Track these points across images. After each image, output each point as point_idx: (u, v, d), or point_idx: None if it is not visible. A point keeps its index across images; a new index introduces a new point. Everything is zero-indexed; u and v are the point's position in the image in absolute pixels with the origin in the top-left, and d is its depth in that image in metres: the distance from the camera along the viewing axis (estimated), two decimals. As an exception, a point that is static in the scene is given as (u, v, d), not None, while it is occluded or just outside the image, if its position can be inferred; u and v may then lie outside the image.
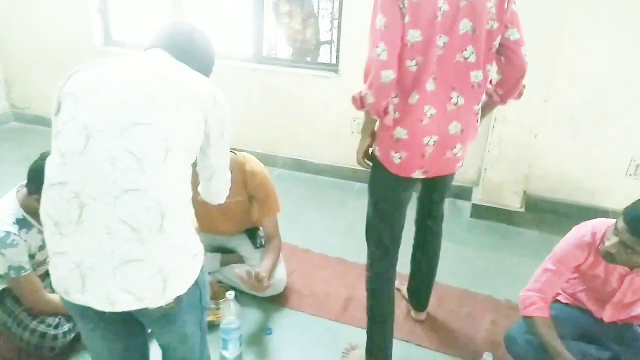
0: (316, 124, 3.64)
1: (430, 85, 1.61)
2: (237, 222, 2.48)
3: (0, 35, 4.24)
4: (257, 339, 2.17)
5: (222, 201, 1.54)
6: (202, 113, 1.25)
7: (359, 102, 1.64)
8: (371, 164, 1.85)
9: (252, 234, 2.50)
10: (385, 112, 1.62)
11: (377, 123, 1.75)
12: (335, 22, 3.84)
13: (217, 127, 1.31)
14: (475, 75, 1.64)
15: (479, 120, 1.77)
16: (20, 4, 4.09)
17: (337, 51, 3.48)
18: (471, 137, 1.76)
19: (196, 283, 1.24)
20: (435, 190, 2.08)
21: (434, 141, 1.68)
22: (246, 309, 2.31)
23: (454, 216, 3.26)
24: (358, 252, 2.69)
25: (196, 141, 1.26)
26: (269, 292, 2.33)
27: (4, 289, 1.92)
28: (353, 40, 3.31)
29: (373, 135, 1.79)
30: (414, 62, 1.58)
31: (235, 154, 2.37)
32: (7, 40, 4.25)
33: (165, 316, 1.23)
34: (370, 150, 1.84)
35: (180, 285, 1.20)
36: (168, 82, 1.22)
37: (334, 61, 3.60)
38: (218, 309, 2.19)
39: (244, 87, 3.70)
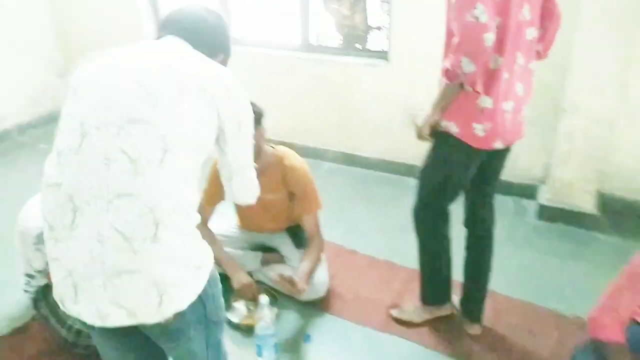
0: (366, 115, 3.44)
1: (507, 48, 1.61)
2: (278, 220, 2.35)
3: (61, 28, 4.34)
4: (295, 345, 2.04)
5: (250, 202, 1.41)
6: (212, 106, 1.13)
7: (453, 73, 1.56)
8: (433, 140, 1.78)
9: (294, 232, 2.36)
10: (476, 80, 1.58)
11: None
12: (386, 7, 3.62)
13: (231, 121, 1.19)
14: (530, 33, 1.66)
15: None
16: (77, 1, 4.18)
17: (388, 37, 3.26)
18: (530, 97, 1.78)
19: (200, 298, 1.12)
20: (493, 171, 1.95)
21: (511, 106, 1.69)
22: (285, 313, 2.18)
23: (518, 217, 2.97)
24: (407, 254, 2.49)
25: (205, 137, 1.14)
26: (308, 296, 2.19)
27: (47, 285, 1.91)
28: (405, 25, 3.08)
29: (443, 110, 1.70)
30: (495, 23, 1.53)
31: (273, 147, 2.24)
32: (68, 32, 4.36)
33: (166, 332, 1.12)
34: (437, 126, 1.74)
35: (180, 301, 1.07)
36: (172, 73, 1.11)
37: (384, 48, 3.38)
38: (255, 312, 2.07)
39: (290, 77, 3.56)
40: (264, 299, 1.90)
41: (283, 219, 2.35)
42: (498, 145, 1.72)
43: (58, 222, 1.04)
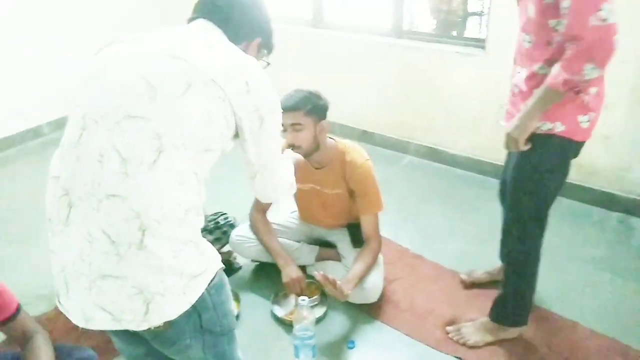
0: (456, 108, 3.16)
1: None
2: (337, 216, 2.23)
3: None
4: (337, 350, 1.93)
5: (276, 201, 1.32)
6: (224, 100, 1.04)
7: (572, 83, 1.41)
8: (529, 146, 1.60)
9: (354, 230, 2.22)
10: None
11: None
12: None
13: (250, 118, 1.09)
14: None
15: None
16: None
17: (487, 24, 2.94)
18: None
19: (194, 307, 1.03)
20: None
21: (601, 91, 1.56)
22: (332, 313, 2.08)
23: (621, 238, 2.55)
24: (479, 265, 2.25)
25: (213, 136, 1.04)
26: (359, 299, 2.06)
27: None
28: (507, 10, 2.73)
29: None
30: None
31: (334, 140, 2.11)
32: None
33: (159, 337, 1.06)
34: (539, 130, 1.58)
35: (169, 310, 1.00)
36: (181, 65, 1.02)
37: (482, 35, 3.06)
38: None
39: (378, 65, 3.38)
40: (303, 300, 1.81)
41: (342, 216, 2.22)
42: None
43: (55, 216, 1.02)
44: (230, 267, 2.32)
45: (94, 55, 1.12)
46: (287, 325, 2.01)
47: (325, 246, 2.32)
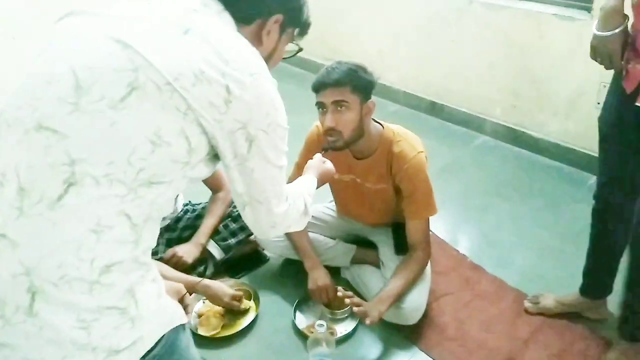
0: (548, 84, 2.60)
1: None
2: (380, 214, 1.88)
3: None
4: (363, 377, 1.63)
5: (268, 238, 1.01)
6: (185, 114, 0.74)
7: None
8: None
9: (399, 233, 1.84)
10: None
11: None
12: None
13: (231, 138, 0.80)
14: None
15: None
16: None
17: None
18: None
19: None
20: None
21: None
22: (361, 331, 1.75)
23: None
24: (558, 289, 1.82)
25: (160, 164, 0.75)
26: (395, 319, 1.72)
27: None
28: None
29: None
30: None
31: (381, 125, 1.72)
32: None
33: None
34: None
35: None
36: (126, 56, 0.73)
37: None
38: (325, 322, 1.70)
39: (452, 27, 2.86)
40: (321, 326, 1.51)
41: (387, 214, 1.86)
42: None
43: None
44: (258, 258, 2.07)
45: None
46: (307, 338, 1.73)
47: (365, 246, 1.98)
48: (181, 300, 1.14)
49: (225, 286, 1.80)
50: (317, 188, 1.30)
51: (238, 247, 2.00)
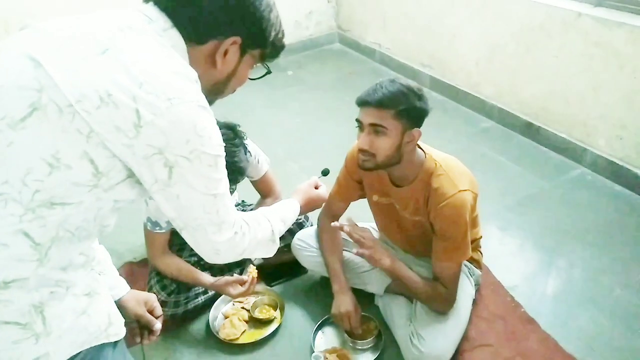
0: (665, 116, 2.19)
1: None
2: (417, 244, 1.74)
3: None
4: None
5: (213, 262, 0.96)
6: (88, 137, 0.73)
7: None
8: None
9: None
10: None
11: None
12: None
13: (146, 163, 0.76)
14: None
15: None
16: None
17: None
18: None
19: None
20: None
21: None
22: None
23: None
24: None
25: (60, 186, 0.74)
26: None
27: None
28: None
29: None
30: None
31: (425, 154, 1.56)
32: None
33: None
34: None
35: None
36: (34, 75, 0.73)
37: None
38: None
39: (555, 41, 2.52)
40: (317, 357, 1.43)
41: (424, 245, 1.71)
42: None
43: None
44: (296, 268, 2.02)
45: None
46: (324, 363, 1.66)
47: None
48: (151, 311, 1.15)
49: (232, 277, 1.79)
50: (304, 213, 1.24)
51: (276, 254, 1.97)
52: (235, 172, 1.69)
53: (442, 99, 3.37)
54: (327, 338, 1.76)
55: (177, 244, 1.85)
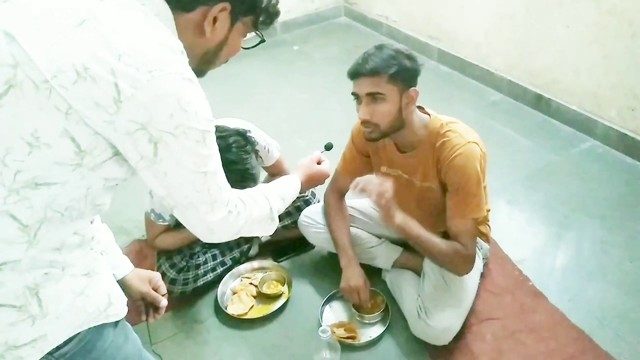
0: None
1: None
2: (427, 215, 1.71)
3: None
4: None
5: (209, 241, 0.95)
6: (67, 114, 0.70)
7: None
8: None
9: (449, 241, 1.69)
10: None
11: None
12: None
13: (129, 140, 0.73)
14: None
15: None
16: None
17: None
18: None
19: None
20: None
21: None
22: (387, 340, 1.65)
23: None
24: (632, 334, 1.57)
25: (41, 166, 0.72)
26: (423, 335, 1.59)
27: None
28: None
29: None
30: None
31: (429, 115, 1.55)
32: None
33: None
34: None
35: None
36: (8, 50, 0.69)
37: None
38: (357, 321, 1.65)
39: (566, 9, 2.45)
40: (324, 333, 1.43)
41: (435, 217, 1.68)
42: None
43: None
44: (302, 244, 2.02)
45: None
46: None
47: (413, 250, 1.83)
48: (155, 289, 1.15)
49: None
50: (306, 190, 1.22)
51: (283, 231, 1.98)
52: (247, 179, 1.69)
53: (449, 72, 3.31)
54: (335, 313, 1.77)
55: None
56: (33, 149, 0.70)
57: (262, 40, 0.94)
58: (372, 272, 1.81)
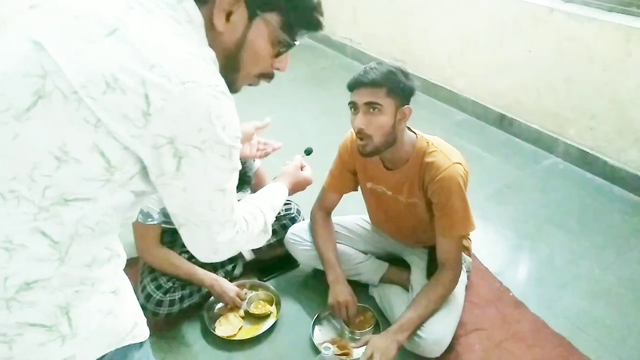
0: (630, 107, 2.32)
1: None
2: (411, 231, 1.77)
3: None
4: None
5: (207, 261, 0.94)
6: (96, 127, 0.66)
7: None
8: None
9: (434, 256, 1.72)
10: None
11: None
12: None
13: (154, 153, 0.70)
14: None
15: None
16: None
17: None
18: None
19: None
20: None
21: None
22: (380, 357, 1.67)
23: None
24: (607, 337, 1.65)
25: (71, 181, 0.68)
26: (414, 348, 1.61)
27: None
28: None
29: None
30: None
31: (415, 134, 1.61)
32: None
33: None
34: None
35: None
36: (37, 59, 0.66)
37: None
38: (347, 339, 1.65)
39: (528, 35, 2.63)
40: (326, 350, 1.43)
41: (418, 232, 1.75)
42: None
43: None
44: (288, 262, 2.01)
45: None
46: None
47: (399, 265, 1.87)
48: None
49: (231, 285, 1.80)
50: (289, 195, 1.22)
51: (268, 249, 1.97)
52: (245, 182, 1.69)
53: (416, 93, 3.42)
54: (325, 331, 1.76)
55: (167, 241, 1.81)
56: (61, 164, 0.67)
57: (291, 45, 0.84)
58: (360, 288, 1.82)
